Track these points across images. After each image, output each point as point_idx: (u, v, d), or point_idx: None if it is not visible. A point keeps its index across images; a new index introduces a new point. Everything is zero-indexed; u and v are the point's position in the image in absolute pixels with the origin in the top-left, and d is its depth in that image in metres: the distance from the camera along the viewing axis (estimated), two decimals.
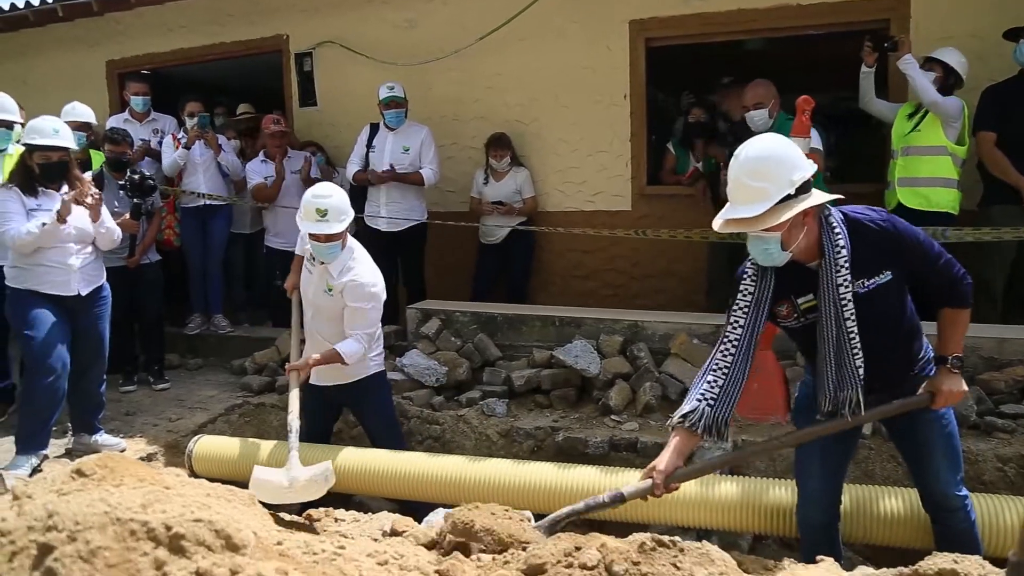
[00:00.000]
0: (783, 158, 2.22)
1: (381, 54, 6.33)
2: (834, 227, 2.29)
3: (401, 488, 3.65)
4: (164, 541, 1.41)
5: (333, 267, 3.70)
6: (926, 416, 2.50)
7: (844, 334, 2.31)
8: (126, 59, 7.33)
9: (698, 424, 2.38)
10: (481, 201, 5.88)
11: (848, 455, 2.74)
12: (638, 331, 4.68)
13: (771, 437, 2.56)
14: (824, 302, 2.32)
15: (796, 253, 2.30)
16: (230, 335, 6.13)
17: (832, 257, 2.27)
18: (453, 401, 4.55)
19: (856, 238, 2.29)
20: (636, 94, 5.78)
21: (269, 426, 4.75)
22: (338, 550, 1.67)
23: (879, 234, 2.29)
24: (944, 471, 2.54)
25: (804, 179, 2.21)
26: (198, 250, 6.02)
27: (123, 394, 5.25)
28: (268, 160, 5.99)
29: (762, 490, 3.15)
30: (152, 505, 1.53)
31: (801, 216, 2.22)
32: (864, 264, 2.29)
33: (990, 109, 4.47)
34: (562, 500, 3.34)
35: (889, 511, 2.94)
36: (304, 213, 3.64)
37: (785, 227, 2.22)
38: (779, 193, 2.17)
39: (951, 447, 2.55)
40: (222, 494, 1.86)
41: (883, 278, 2.31)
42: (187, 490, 1.75)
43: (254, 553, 1.52)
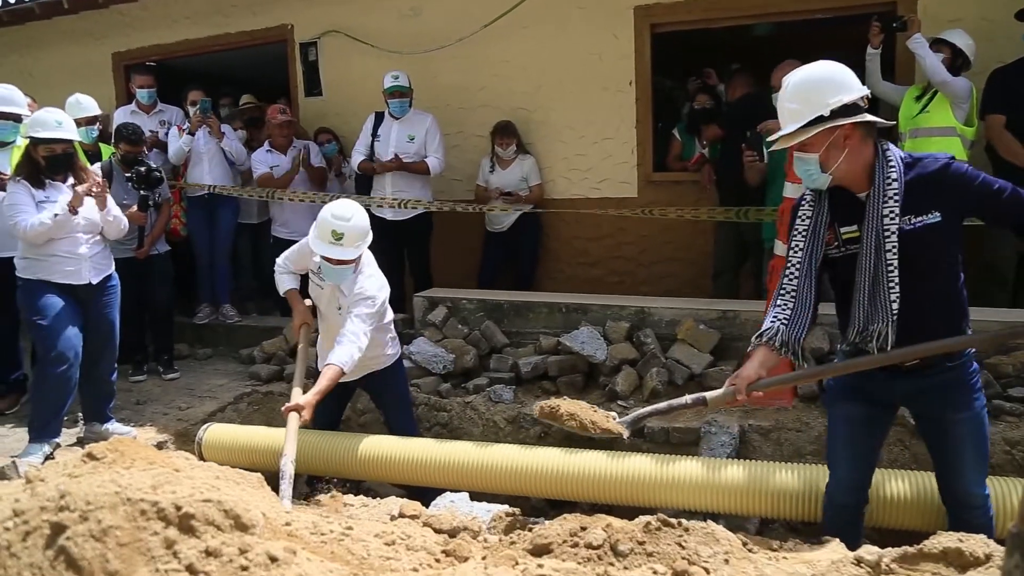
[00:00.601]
0: (822, 81, 2.29)
1: (386, 43, 6.33)
2: (890, 159, 2.31)
3: (409, 474, 3.68)
4: (174, 520, 1.43)
5: (345, 287, 3.59)
6: (961, 415, 2.45)
7: (883, 266, 2.29)
8: (132, 51, 7.35)
9: (775, 339, 2.43)
10: (487, 189, 5.88)
11: (878, 440, 2.70)
12: (645, 317, 4.69)
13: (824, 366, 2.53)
14: (867, 231, 2.31)
15: (842, 178, 2.33)
16: (238, 324, 6.16)
17: (882, 186, 2.28)
18: (460, 388, 4.57)
19: (912, 174, 2.30)
20: (642, 80, 5.76)
21: (278, 414, 4.74)
22: (346, 531, 1.69)
23: (933, 173, 2.28)
24: (971, 470, 2.51)
25: (843, 103, 2.24)
26: (205, 240, 6.04)
27: (133, 384, 5.29)
28: (274, 150, 6.00)
29: (769, 474, 3.16)
30: (162, 486, 1.55)
31: (841, 139, 2.26)
32: (915, 201, 2.27)
33: (999, 91, 4.44)
34: (570, 485, 3.38)
35: (895, 495, 2.94)
36: (319, 232, 3.44)
37: (820, 147, 2.28)
38: (810, 113, 2.24)
39: (981, 446, 2.51)
40: (231, 477, 1.88)
41: (931, 218, 2.26)
42: (197, 473, 1.77)
43: (263, 533, 1.54)
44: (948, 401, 2.47)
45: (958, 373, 2.44)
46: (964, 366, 2.45)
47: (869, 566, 1.79)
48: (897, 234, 2.27)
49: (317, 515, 2.04)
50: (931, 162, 2.31)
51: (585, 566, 1.63)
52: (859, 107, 2.29)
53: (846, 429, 2.64)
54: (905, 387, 2.49)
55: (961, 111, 4.45)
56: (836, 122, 2.25)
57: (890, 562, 1.81)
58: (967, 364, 2.46)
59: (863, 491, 2.71)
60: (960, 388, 2.46)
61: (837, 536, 2.44)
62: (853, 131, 2.28)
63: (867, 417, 2.60)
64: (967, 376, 2.46)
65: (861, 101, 2.30)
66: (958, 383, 2.45)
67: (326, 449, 3.81)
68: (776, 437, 3.80)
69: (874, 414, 2.60)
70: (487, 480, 3.51)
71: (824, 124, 2.25)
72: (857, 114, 2.27)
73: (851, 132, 2.28)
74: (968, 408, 2.46)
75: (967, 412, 2.45)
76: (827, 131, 2.27)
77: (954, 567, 1.81)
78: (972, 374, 2.48)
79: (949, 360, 2.42)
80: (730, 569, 1.70)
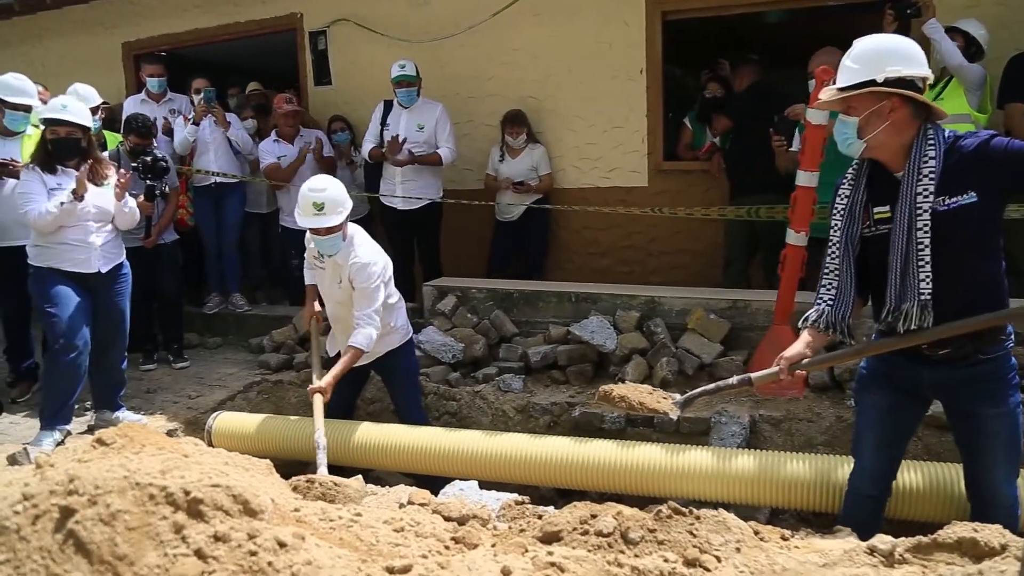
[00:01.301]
0: (886, 49, 2.27)
1: (395, 31, 6.30)
2: (930, 138, 2.25)
3: (419, 463, 3.68)
4: (183, 505, 1.43)
5: (340, 258, 3.76)
6: (995, 410, 2.38)
7: (914, 246, 2.24)
8: (142, 40, 7.35)
9: (820, 321, 2.44)
10: (497, 178, 5.85)
11: (906, 431, 2.64)
12: (655, 307, 4.66)
13: (861, 345, 2.51)
14: (900, 210, 2.27)
15: (878, 151, 2.31)
16: (248, 313, 6.17)
17: (917, 164, 2.24)
18: (470, 377, 4.56)
19: (950, 153, 2.24)
20: (652, 69, 5.72)
21: (287, 403, 4.79)
22: (355, 517, 1.69)
23: (974, 150, 2.21)
24: (1001, 468, 2.44)
25: (900, 75, 2.21)
26: (212, 229, 6.04)
27: (144, 372, 5.32)
28: (281, 140, 5.98)
29: (780, 464, 3.14)
30: (171, 471, 1.54)
31: (887, 110, 2.23)
32: (951, 181, 2.21)
33: (1019, 78, 4.36)
34: (579, 474, 3.37)
35: (909, 485, 2.92)
36: (301, 208, 3.65)
37: (863, 112, 2.25)
38: (865, 75, 2.23)
39: (1013, 446, 2.42)
40: (240, 463, 1.87)
41: (967, 199, 2.19)
42: (205, 458, 1.77)
43: (271, 518, 1.53)
44: (981, 395, 2.39)
45: (992, 366, 2.37)
46: (1000, 359, 2.37)
47: (883, 555, 1.77)
48: (930, 214, 2.21)
49: (326, 503, 2.03)
50: (972, 140, 2.24)
51: (595, 553, 1.62)
52: (915, 85, 2.24)
53: (873, 417, 2.60)
54: (935, 377, 2.43)
55: (975, 97, 4.38)
56: (885, 89, 2.21)
57: (904, 552, 1.78)
58: (1004, 358, 2.37)
59: (887, 482, 2.67)
60: (994, 382, 2.38)
61: (856, 526, 2.41)
62: (901, 106, 2.24)
63: (896, 406, 2.55)
64: (1003, 370, 2.38)
65: (920, 82, 2.26)
66: (992, 377, 2.38)
67: (334, 438, 3.81)
68: (787, 427, 3.77)
69: (902, 403, 2.55)
70: (496, 469, 3.51)
71: (872, 88, 2.22)
72: (911, 90, 2.23)
73: (898, 106, 2.24)
74: (1003, 403, 2.38)
75: (1002, 407, 2.38)
76: (873, 96, 2.24)
77: (969, 557, 1.78)
78: (1009, 369, 2.39)
79: (982, 352, 2.33)
80: (741, 557, 1.68)
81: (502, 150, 5.86)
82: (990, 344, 2.33)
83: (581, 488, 3.43)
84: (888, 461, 2.64)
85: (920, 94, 2.25)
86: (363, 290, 3.73)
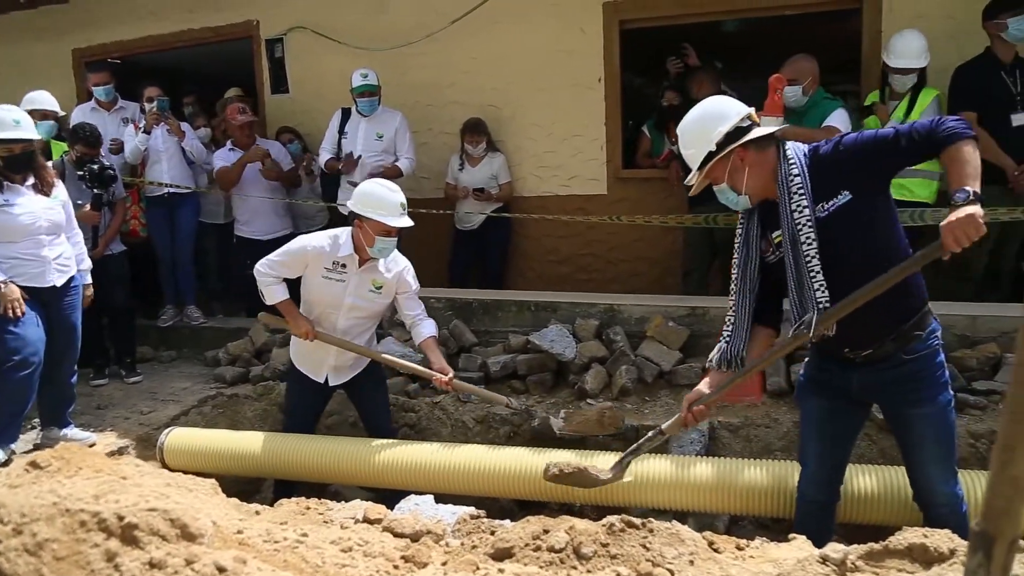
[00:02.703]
0: (699, 122, 2.42)
1: (353, 39, 6.25)
2: (789, 157, 2.35)
3: (376, 477, 3.63)
4: (116, 532, 1.37)
5: (383, 264, 3.73)
6: (922, 410, 2.42)
7: (801, 257, 2.32)
8: (93, 47, 7.20)
9: (715, 362, 2.58)
10: (456, 187, 5.82)
11: (847, 436, 2.67)
12: (614, 315, 4.66)
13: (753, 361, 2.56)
14: (784, 229, 2.36)
15: (759, 191, 2.41)
16: (203, 326, 6.05)
17: (786, 184, 2.33)
18: (428, 388, 4.51)
19: (813, 162, 2.33)
20: (611, 77, 5.74)
21: (243, 417, 4.70)
22: (301, 537, 1.64)
23: (830, 154, 2.31)
24: (934, 467, 2.48)
25: (723, 133, 2.35)
26: (166, 240, 5.91)
27: (94, 388, 5.18)
28: (236, 149, 5.88)
29: (737, 471, 3.15)
30: (106, 495, 1.48)
31: (738, 161, 2.37)
32: (823, 187, 2.30)
33: (967, 89, 4.43)
34: (537, 486, 3.34)
35: (863, 490, 2.94)
36: (386, 208, 3.56)
37: (724, 176, 2.39)
38: (702, 152, 2.38)
39: (944, 444, 2.46)
40: (183, 483, 1.82)
41: (842, 199, 2.28)
42: (146, 480, 1.71)
43: (212, 542, 1.48)
44: (908, 395, 2.43)
45: (917, 366, 2.41)
46: (925, 358, 2.41)
47: (835, 564, 1.77)
48: (811, 224, 2.30)
49: (272, 522, 1.98)
50: (829, 144, 2.34)
51: (547, 570, 1.60)
52: (742, 129, 2.37)
53: (813, 424, 2.65)
54: (863, 380, 2.47)
55: None
56: (723, 151, 2.36)
57: (856, 559, 1.79)
58: (928, 357, 2.41)
59: (834, 487, 2.70)
60: (920, 381, 2.42)
61: (809, 533, 2.41)
62: (745, 151, 2.37)
63: (833, 411, 2.59)
64: (929, 369, 2.42)
65: (743, 122, 2.38)
66: (918, 376, 2.41)
67: (292, 453, 3.75)
68: (746, 433, 3.79)
69: (840, 408, 2.59)
70: (455, 482, 3.47)
71: (715, 157, 2.37)
72: (741, 136, 2.36)
73: (743, 153, 2.37)
74: (929, 403, 2.42)
75: (929, 407, 2.42)
76: (721, 161, 2.38)
77: (919, 563, 1.79)
78: (935, 367, 2.43)
79: (905, 352, 2.39)
80: (695, 570, 1.67)
81: (462, 158, 5.83)
82: (912, 343, 2.39)
83: (540, 500, 3.41)
84: (833, 466, 2.67)
85: (750, 131, 2.37)
86: (415, 291, 3.87)
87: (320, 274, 3.69)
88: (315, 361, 3.88)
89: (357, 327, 3.83)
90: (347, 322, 3.79)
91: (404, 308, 3.86)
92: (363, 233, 3.62)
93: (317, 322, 3.80)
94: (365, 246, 3.63)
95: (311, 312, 3.82)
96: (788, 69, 4.39)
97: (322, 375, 3.88)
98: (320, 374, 3.88)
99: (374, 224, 3.57)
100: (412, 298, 3.86)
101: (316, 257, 3.68)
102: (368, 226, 3.59)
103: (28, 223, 3.90)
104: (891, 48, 4.55)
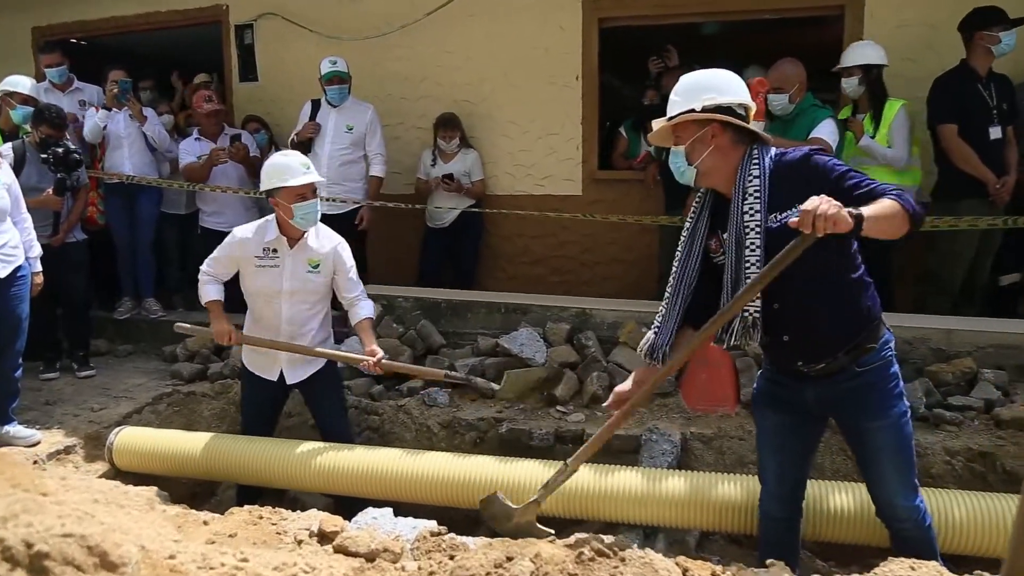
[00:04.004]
0: (702, 81, 2.35)
1: (326, 28, 6.07)
2: (755, 158, 2.28)
3: (336, 484, 3.47)
4: (23, 561, 1.21)
5: (310, 236, 3.57)
6: (876, 423, 2.35)
7: (742, 262, 2.25)
8: (53, 26, 6.92)
9: (644, 349, 2.49)
10: (428, 182, 5.67)
11: (806, 449, 2.60)
12: (586, 319, 4.55)
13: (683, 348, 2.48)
14: (731, 229, 2.29)
15: (709, 177, 2.35)
16: (162, 320, 5.80)
17: (742, 184, 2.27)
18: (394, 391, 4.36)
19: (776, 170, 2.26)
20: (588, 76, 5.63)
21: (199, 416, 4.51)
22: (240, 563, 1.49)
23: (795, 164, 2.25)
24: (892, 481, 2.40)
25: (717, 103, 2.28)
26: (125, 229, 5.68)
27: (43, 382, 4.94)
28: (203, 138, 5.68)
29: (710, 485, 3.05)
30: (17, 517, 1.32)
31: (708, 136, 2.29)
32: (779, 198, 2.23)
33: (947, 101, 4.37)
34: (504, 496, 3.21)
35: (840, 507, 2.86)
36: (289, 171, 3.44)
37: (687, 140, 2.33)
38: (684, 106, 2.32)
39: (901, 457, 2.38)
40: (114, 499, 1.66)
41: (793, 214, 2.14)
42: (70, 496, 1.55)
43: (137, 571, 1.33)
44: (862, 408, 2.36)
45: (871, 378, 2.33)
46: (878, 370, 2.33)
47: None
48: (759, 232, 2.22)
49: (216, 537, 1.83)
50: (794, 155, 2.27)
51: None
52: (733, 112, 2.31)
53: (769, 438, 2.58)
54: (817, 393, 2.41)
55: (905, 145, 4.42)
56: (703, 116, 2.29)
57: None
58: (881, 368, 2.34)
59: (795, 503, 2.63)
60: (874, 394, 2.34)
61: (772, 550, 2.35)
62: (721, 132, 2.30)
63: (789, 425, 2.52)
64: (883, 381, 2.34)
65: (740, 108, 2.32)
66: (872, 388, 2.34)
67: (243, 456, 3.58)
68: (718, 445, 3.69)
69: (795, 422, 2.51)
70: (418, 491, 3.33)
71: (691, 116, 2.30)
72: (728, 115, 2.29)
73: (719, 132, 2.30)
74: (883, 416, 2.34)
75: (883, 420, 2.34)
76: (695, 124, 2.31)
77: None
78: (888, 378, 2.35)
79: (858, 364, 2.32)
80: None
81: (434, 154, 5.69)
82: (865, 355, 2.32)
83: None
84: (792, 482, 2.60)
85: (742, 121, 2.30)
86: (351, 269, 3.67)
87: (253, 264, 3.59)
88: (267, 358, 3.72)
89: (303, 313, 3.66)
90: (291, 309, 3.63)
91: (341, 289, 3.68)
92: (281, 209, 3.50)
93: (261, 317, 3.68)
94: (288, 221, 3.50)
95: (254, 305, 3.70)
96: (773, 75, 4.26)
97: (275, 372, 3.70)
98: (273, 371, 3.71)
99: (284, 192, 3.44)
100: (348, 278, 3.66)
101: (243, 246, 3.60)
102: (281, 198, 3.46)
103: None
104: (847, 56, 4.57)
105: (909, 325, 4.06)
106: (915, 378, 3.83)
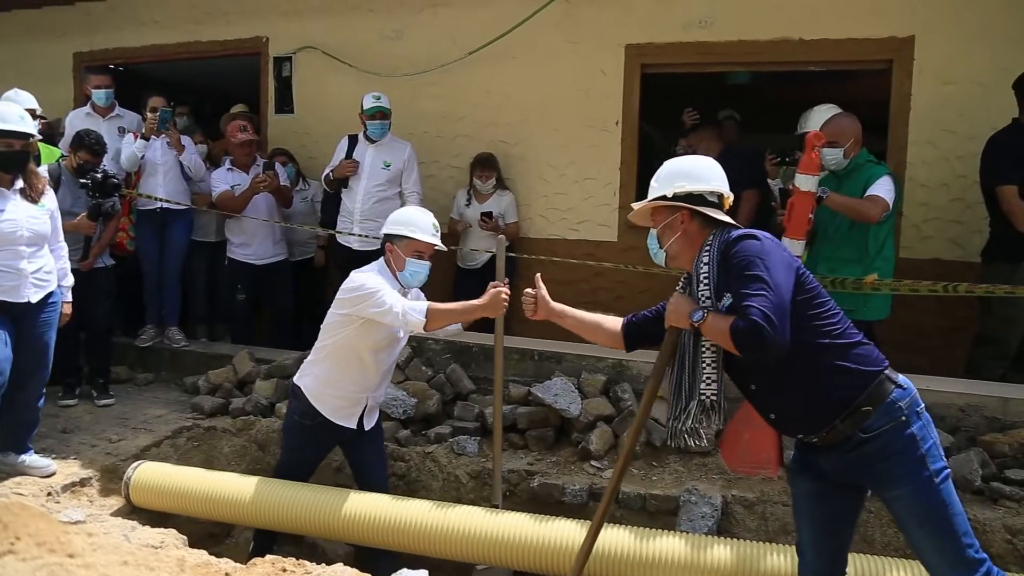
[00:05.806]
0: (677, 169, 2.44)
1: (364, 63, 6.07)
2: (708, 244, 2.33)
3: (358, 533, 3.32)
4: None
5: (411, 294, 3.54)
6: (895, 492, 2.19)
7: (699, 347, 2.31)
8: (95, 52, 6.98)
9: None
10: (461, 223, 5.59)
11: (842, 517, 2.42)
12: (622, 370, 4.41)
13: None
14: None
15: (675, 257, 2.44)
16: (185, 349, 5.72)
17: (697, 271, 2.33)
18: (421, 436, 4.22)
19: (720, 254, 2.29)
20: (629, 121, 5.56)
21: (219, 453, 4.39)
22: None
23: (723, 251, 2.27)
24: (928, 553, 2.20)
25: (687, 190, 2.36)
26: (154, 257, 5.62)
27: (61, 408, 4.84)
28: (235, 168, 5.64)
29: (758, 556, 2.88)
30: None
31: (677, 222, 2.38)
32: (721, 283, 2.26)
33: (1005, 160, 4.19)
34: (538, 557, 3.06)
35: None
36: (418, 226, 3.43)
37: (659, 224, 2.44)
38: (659, 192, 2.42)
39: (934, 528, 2.16)
40: (144, 560, 1.53)
41: (728, 300, 2.21)
42: (98, 557, 1.42)
43: None
44: (876, 476, 2.22)
45: (880, 442, 2.17)
46: (888, 434, 2.16)
47: None
48: None
49: None
50: (729, 237, 2.28)
51: None
52: (704, 200, 2.37)
53: (803, 508, 2.46)
54: (831, 463, 2.29)
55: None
56: (671, 203, 2.38)
57: None
58: (891, 432, 2.16)
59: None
60: (888, 460, 2.17)
61: None
62: (690, 220, 2.37)
63: (821, 494, 2.38)
64: (895, 446, 2.16)
65: (712, 196, 2.38)
66: (883, 454, 2.17)
67: (274, 502, 3.43)
68: (761, 511, 3.52)
69: (825, 489, 2.37)
70: (445, 545, 3.18)
71: (661, 202, 2.40)
72: (697, 204, 2.36)
73: (687, 219, 2.37)
74: (903, 483, 2.15)
75: (903, 487, 2.16)
76: (665, 210, 2.41)
77: None
78: (904, 441, 2.16)
79: (863, 431, 2.17)
80: None
81: (469, 193, 5.62)
82: (867, 419, 2.17)
83: (541, 573, 3.11)
84: (830, 555, 2.44)
85: (713, 208, 2.35)
86: None
87: None
88: (353, 403, 3.46)
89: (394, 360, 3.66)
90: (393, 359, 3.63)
91: None
92: (394, 257, 3.43)
93: (360, 371, 3.42)
94: (396, 273, 3.42)
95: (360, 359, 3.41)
96: (828, 128, 4.09)
97: (355, 419, 3.47)
98: (354, 419, 3.47)
99: (405, 244, 3.39)
100: None
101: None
102: (399, 248, 3.40)
103: (8, 231, 3.65)
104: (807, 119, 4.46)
105: (963, 392, 3.89)
106: (969, 448, 3.64)
